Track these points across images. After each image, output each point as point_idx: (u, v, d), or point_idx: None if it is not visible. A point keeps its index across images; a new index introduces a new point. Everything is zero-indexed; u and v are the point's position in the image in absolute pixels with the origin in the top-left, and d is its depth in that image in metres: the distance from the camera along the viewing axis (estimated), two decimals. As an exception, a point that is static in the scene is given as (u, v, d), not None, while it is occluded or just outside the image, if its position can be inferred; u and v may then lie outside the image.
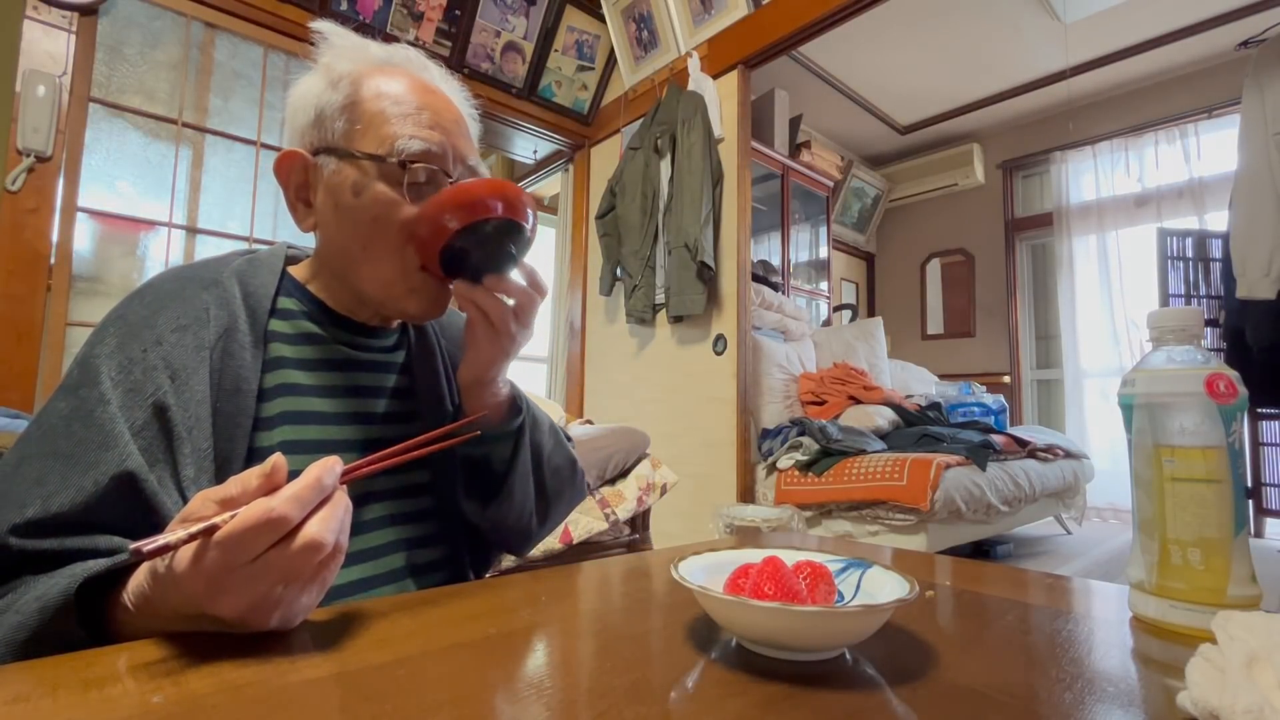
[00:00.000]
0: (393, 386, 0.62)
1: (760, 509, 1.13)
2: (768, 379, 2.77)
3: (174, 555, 0.34)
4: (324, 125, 0.55)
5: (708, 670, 0.34)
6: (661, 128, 2.69)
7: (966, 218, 4.57)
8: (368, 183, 0.54)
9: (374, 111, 0.55)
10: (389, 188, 0.54)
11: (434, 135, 0.55)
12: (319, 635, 0.38)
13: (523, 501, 0.63)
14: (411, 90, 0.56)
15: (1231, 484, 0.42)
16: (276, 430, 0.52)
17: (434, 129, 0.55)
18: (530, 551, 0.70)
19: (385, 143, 0.54)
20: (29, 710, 0.28)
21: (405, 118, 0.55)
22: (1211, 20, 3.18)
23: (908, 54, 3.53)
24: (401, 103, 0.55)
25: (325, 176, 0.55)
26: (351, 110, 0.55)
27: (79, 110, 1.87)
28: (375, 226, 0.54)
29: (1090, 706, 0.31)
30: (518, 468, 0.61)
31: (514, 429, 0.61)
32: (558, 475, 0.68)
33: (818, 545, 0.71)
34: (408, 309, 0.57)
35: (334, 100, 0.55)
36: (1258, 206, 2.36)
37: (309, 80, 0.57)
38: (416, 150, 0.54)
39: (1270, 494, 3.08)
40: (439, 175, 0.55)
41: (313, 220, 0.58)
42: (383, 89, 0.56)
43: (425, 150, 0.54)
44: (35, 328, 1.77)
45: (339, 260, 0.57)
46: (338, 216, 0.55)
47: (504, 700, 0.30)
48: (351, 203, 0.54)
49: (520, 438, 0.61)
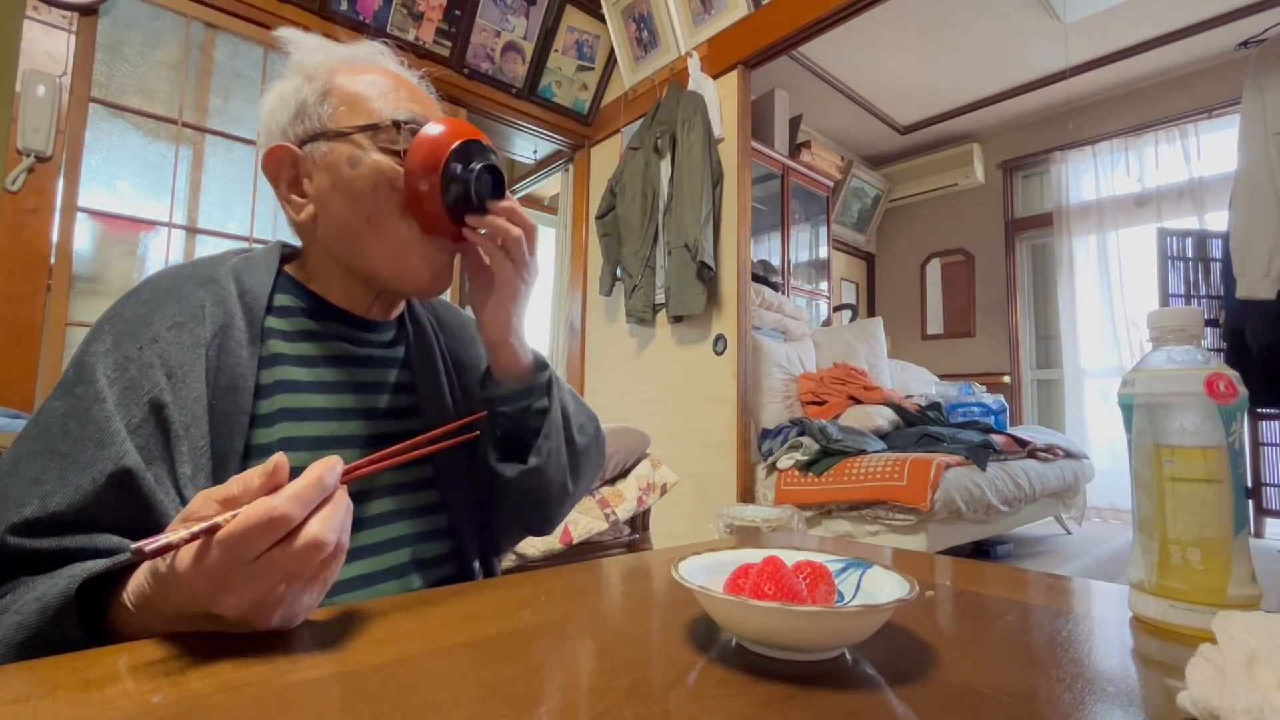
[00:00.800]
0: (393, 382, 0.62)
1: (760, 509, 1.13)
2: (768, 379, 2.77)
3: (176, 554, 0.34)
4: (307, 115, 0.57)
5: (708, 670, 0.34)
6: (661, 128, 2.69)
7: (966, 218, 4.57)
8: (363, 154, 0.55)
9: (354, 93, 0.57)
10: (385, 155, 0.55)
11: (415, 107, 0.58)
12: (319, 635, 0.38)
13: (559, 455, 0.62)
14: (384, 75, 0.60)
15: (1231, 484, 0.42)
16: (275, 427, 0.52)
17: (414, 102, 0.58)
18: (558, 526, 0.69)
19: (372, 115, 0.56)
20: (29, 710, 0.28)
21: (385, 95, 0.57)
22: (1211, 20, 3.17)
23: (908, 54, 3.53)
24: (377, 84, 0.58)
25: (318, 159, 0.56)
26: (333, 95, 0.57)
27: (79, 110, 1.87)
28: (377, 194, 0.55)
29: (1090, 706, 0.31)
30: (552, 418, 0.61)
31: (545, 381, 0.61)
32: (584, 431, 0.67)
33: (818, 545, 0.71)
34: (420, 277, 0.58)
35: (313, 90, 0.57)
36: (1258, 206, 2.36)
37: (283, 82, 0.59)
38: (403, 117, 0.56)
39: (1270, 494, 3.08)
40: None
41: (309, 210, 0.57)
42: (359, 76, 0.58)
43: (412, 116, 0.56)
44: (35, 328, 1.77)
45: (344, 242, 0.57)
46: (338, 194, 0.56)
47: (504, 700, 0.30)
48: (350, 175, 0.55)
49: (551, 390, 0.61)
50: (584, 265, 3.28)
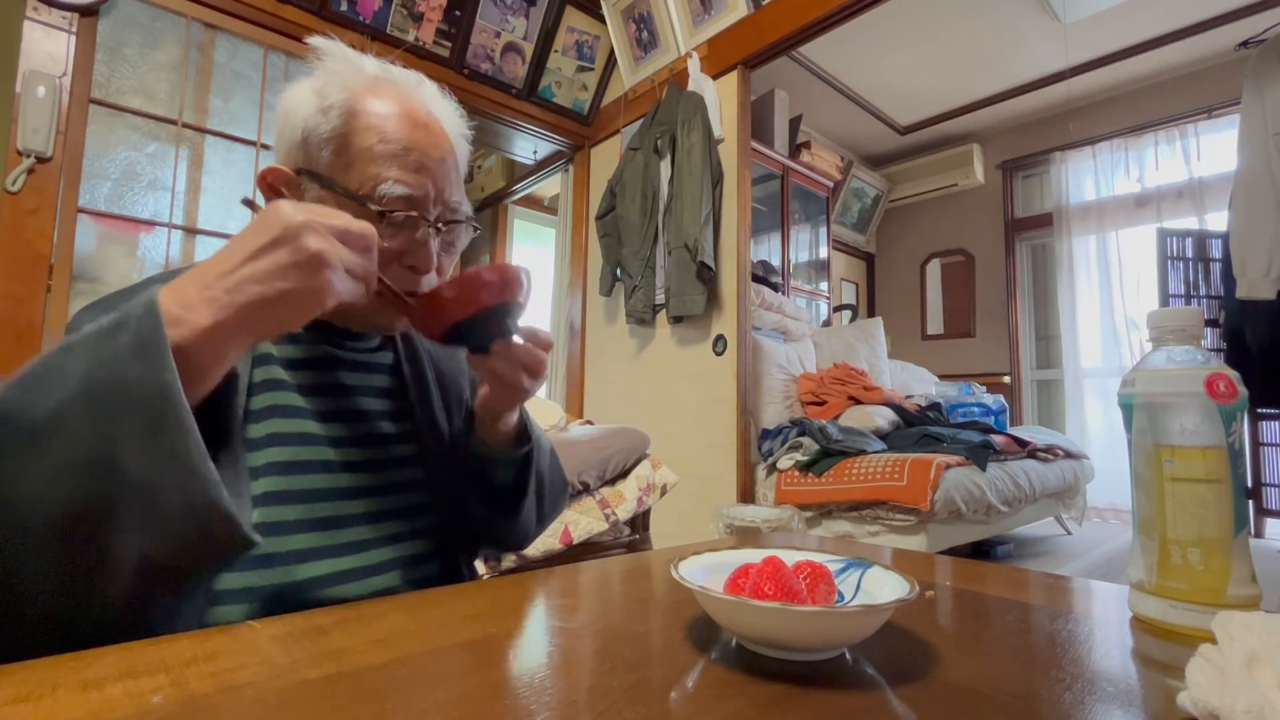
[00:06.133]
0: (380, 386, 0.64)
1: (760, 509, 1.13)
2: (768, 379, 2.77)
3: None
4: (310, 149, 0.55)
5: (708, 670, 0.34)
6: (661, 128, 2.69)
7: (966, 218, 4.57)
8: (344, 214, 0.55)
9: (361, 148, 0.54)
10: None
11: (417, 179, 0.55)
12: (319, 635, 0.38)
13: (527, 514, 0.67)
14: (401, 125, 0.55)
15: (1231, 484, 0.42)
16: (263, 424, 0.53)
17: (419, 171, 0.55)
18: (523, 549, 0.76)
19: (367, 183, 0.53)
20: (29, 710, 0.28)
21: (391, 158, 0.54)
22: (1211, 20, 3.17)
23: (907, 54, 3.54)
24: (389, 141, 0.54)
25: (305, 197, 0.56)
26: (339, 142, 0.54)
27: (79, 111, 1.87)
28: None
29: (1090, 706, 0.31)
30: (527, 488, 0.66)
31: (522, 455, 0.65)
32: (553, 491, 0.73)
33: (818, 545, 0.71)
34: (381, 323, 0.60)
35: (323, 128, 0.55)
36: (1258, 206, 2.36)
37: (300, 94, 0.57)
38: (398, 195, 0.54)
39: (1270, 494, 3.08)
40: (417, 220, 0.55)
41: None
42: (372, 123, 0.55)
43: (407, 196, 0.54)
44: (35, 328, 1.77)
45: None
46: None
47: (504, 700, 0.30)
48: None
49: (528, 462, 0.66)
50: (584, 265, 3.28)
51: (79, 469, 0.35)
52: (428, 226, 0.56)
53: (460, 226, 0.60)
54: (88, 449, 0.35)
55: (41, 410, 0.35)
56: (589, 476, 1.78)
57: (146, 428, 0.36)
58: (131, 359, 0.36)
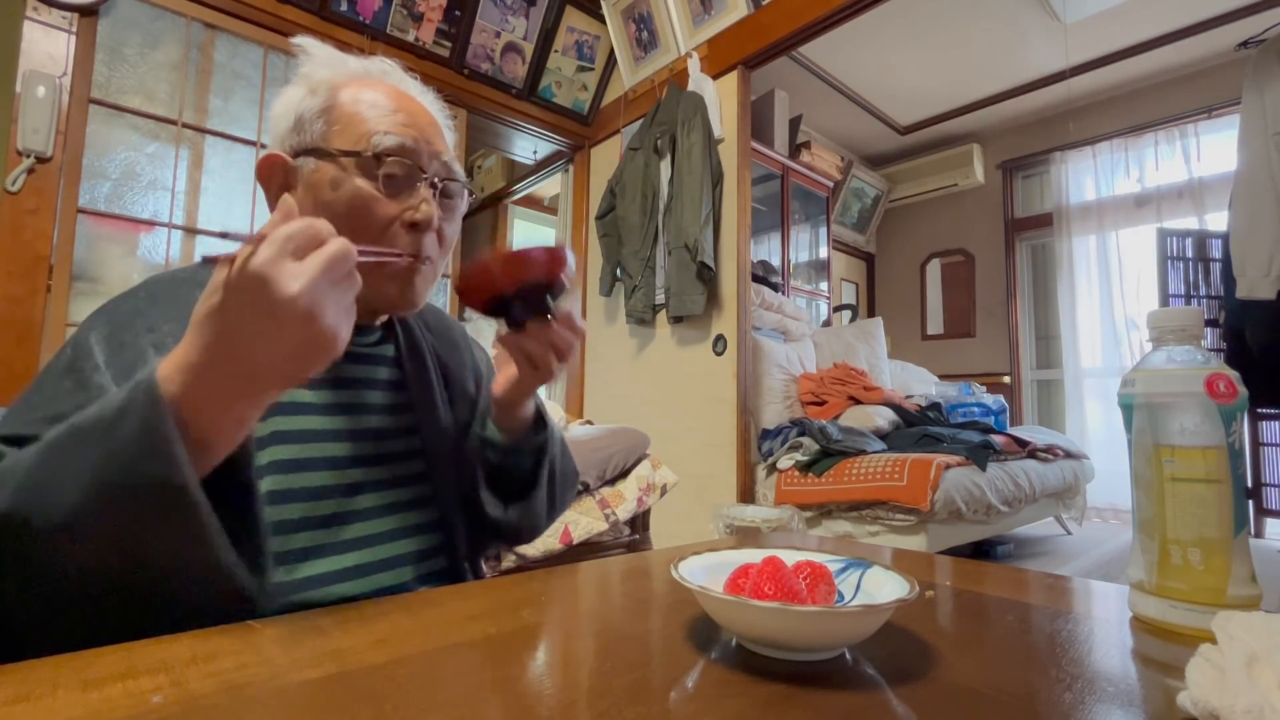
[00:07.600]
0: (383, 379, 0.64)
1: (760, 509, 1.13)
2: (768, 379, 2.77)
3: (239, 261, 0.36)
4: (303, 129, 0.57)
5: (708, 670, 0.34)
6: (661, 128, 2.69)
7: (966, 218, 4.57)
8: (345, 178, 0.55)
9: (351, 113, 0.57)
10: (366, 182, 0.55)
11: (409, 131, 0.57)
12: (319, 635, 0.38)
13: (540, 503, 0.68)
14: (387, 94, 0.59)
15: (1231, 484, 0.42)
16: (266, 421, 0.53)
17: (409, 126, 0.57)
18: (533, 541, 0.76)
19: (361, 139, 0.55)
20: (29, 710, 0.28)
21: (380, 117, 0.57)
22: (1211, 20, 3.17)
23: (908, 54, 3.53)
24: (377, 105, 0.57)
25: (305, 175, 0.56)
26: (329, 113, 0.57)
27: (79, 111, 1.87)
28: (353, 219, 0.55)
29: (1090, 706, 0.31)
30: (540, 477, 0.67)
31: (539, 444, 0.66)
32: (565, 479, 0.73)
33: (818, 545, 0.71)
34: (389, 293, 0.58)
35: (312, 105, 0.57)
36: (1258, 206, 2.36)
37: (289, 90, 0.59)
38: (391, 145, 0.55)
39: (1270, 494, 3.08)
40: (414, 170, 0.57)
41: None
42: (360, 94, 0.58)
43: (400, 144, 0.56)
44: (35, 328, 1.77)
45: None
46: (317, 212, 0.56)
47: (504, 700, 0.30)
48: (330, 197, 0.55)
49: (543, 452, 0.67)
50: (584, 265, 3.28)
51: (100, 568, 0.38)
52: (425, 182, 0.57)
53: (457, 186, 0.61)
54: (108, 548, 0.38)
55: (56, 515, 0.37)
56: (589, 476, 1.78)
57: (162, 519, 0.37)
58: (142, 457, 0.36)
